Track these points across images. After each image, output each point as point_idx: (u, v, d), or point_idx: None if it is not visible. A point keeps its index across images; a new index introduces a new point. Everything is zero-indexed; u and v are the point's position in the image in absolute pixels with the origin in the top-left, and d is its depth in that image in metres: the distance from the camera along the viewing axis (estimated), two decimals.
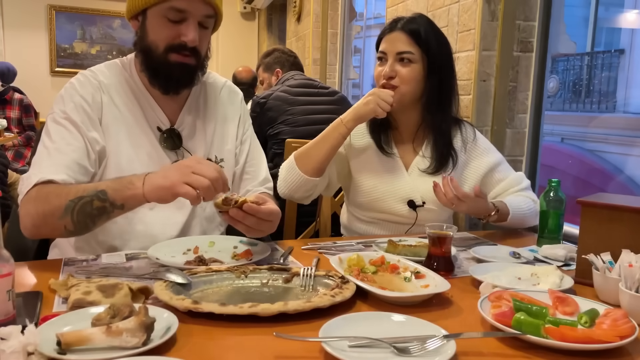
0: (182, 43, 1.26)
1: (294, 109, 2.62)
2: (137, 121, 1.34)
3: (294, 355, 0.79)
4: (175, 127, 1.38)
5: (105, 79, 1.34)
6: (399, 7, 3.17)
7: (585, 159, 5.69)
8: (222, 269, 1.09)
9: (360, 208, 1.67)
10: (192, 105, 1.42)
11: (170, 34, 1.26)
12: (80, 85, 1.31)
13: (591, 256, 1.08)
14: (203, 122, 1.43)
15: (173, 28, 1.26)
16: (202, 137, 1.42)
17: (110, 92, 1.33)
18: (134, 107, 1.35)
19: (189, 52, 1.28)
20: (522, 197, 1.63)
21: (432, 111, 1.61)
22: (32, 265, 1.20)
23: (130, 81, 1.36)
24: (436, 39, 1.59)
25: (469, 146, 1.68)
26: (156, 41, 1.28)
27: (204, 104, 1.45)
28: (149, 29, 1.28)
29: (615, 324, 0.85)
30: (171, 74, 1.29)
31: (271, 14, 6.91)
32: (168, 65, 1.28)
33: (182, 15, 1.25)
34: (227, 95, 1.50)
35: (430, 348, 0.78)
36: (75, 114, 1.27)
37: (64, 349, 0.73)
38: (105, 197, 1.11)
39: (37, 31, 6.62)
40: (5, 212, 1.66)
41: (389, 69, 1.56)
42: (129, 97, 1.35)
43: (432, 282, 1.06)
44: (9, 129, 4.93)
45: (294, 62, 3.04)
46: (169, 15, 1.25)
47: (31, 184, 1.16)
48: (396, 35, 1.58)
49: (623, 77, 5.69)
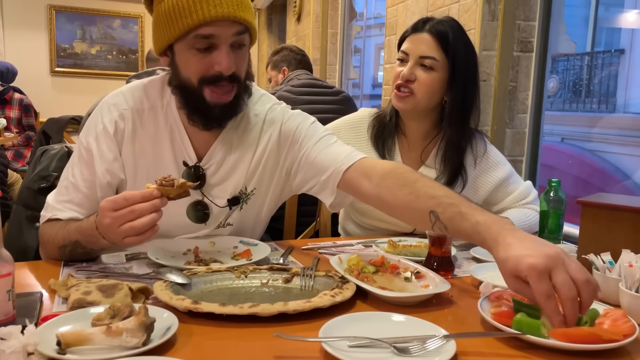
0: (217, 74, 1.14)
1: (297, 108, 2.62)
2: (163, 152, 1.26)
3: (294, 355, 0.79)
4: (202, 163, 1.28)
5: (136, 103, 1.26)
6: (399, 7, 3.17)
7: (585, 159, 5.68)
8: (222, 269, 1.09)
9: (359, 213, 1.64)
10: (226, 138, 1.29)
11: (202, 67, 1.14)
12: (107, 112, 1.25)
13: (591, 256, 1.08)
14: (238, 156, 1.30)
15: (204, 59, 1.14)
16: (232, 174, 1.31)
17: (140, 119, 1.25)
18: (163, 137, 1.26)
19: (227, 81, 1.16)
20: (526, 210, 1.61)
21: (452, 124, 1.53)
22: (32, 265, 1.20)
23: (165, 107, 1.27)
24: (465, 47, 1.49)
25: (479, 160, 1.61)
26: (189, 76, 1.17)
27: (242, 136, 1.31)
28: (179, 64, 1.18)
29: (615, 324, 0.85)
30: (210, 114, 1.19)
31: (271, 14, 6.91)
32: (206, 104, 1.17)
33: (210, 41, 1.13)
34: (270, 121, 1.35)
35: (430, 348, 0.78)
36: (95, 145, 1.23)
37: (64, 349, 0.73)
38: (83, 246, 1.14)
39: (37, 31, 6.62)
40: (5, 212, 1.66)
41: (408, 72, 1.47)
42: (159, 125, 1.26)
43: (432, 282, 1.06)
44: (8, 129, 4.94)
45: (302, 60, 3.01)
46: (197, 45, 1.13)
47: (45, 218, 1.23)
48: (422, 36, 1.48)
49: (623, 77, 5.69)
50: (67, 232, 1.15)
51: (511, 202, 1.64)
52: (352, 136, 1.62)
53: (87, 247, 1.15)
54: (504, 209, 1.65)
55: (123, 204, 0.99)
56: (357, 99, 4.97)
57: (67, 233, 1.15)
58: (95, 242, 1.11)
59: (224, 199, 1.31)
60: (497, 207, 1.66)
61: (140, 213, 0.99)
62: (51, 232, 1.19)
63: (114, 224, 1.00)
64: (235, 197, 1.32)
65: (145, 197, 0.99)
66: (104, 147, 1.23)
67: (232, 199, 1.32)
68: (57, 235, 1.17)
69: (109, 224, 1.01)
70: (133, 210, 0.99)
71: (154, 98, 1.27)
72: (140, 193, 0.99)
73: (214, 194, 1.31)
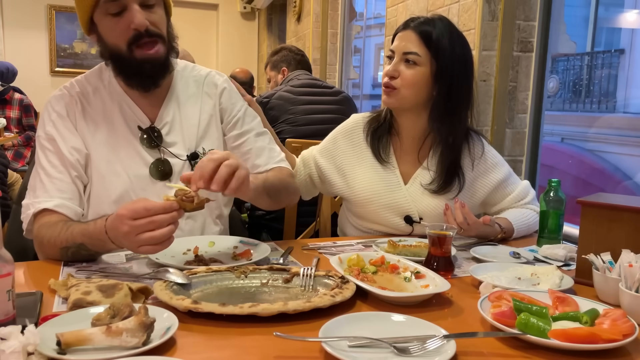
0: (136, 32, 1.23)
1: (296, 108, 2.62)
2: (115, 124, 1.35)
3: (294, 355, 0.79)
4: (155, 124, 1.38)
5: (81, 88, 1.36)
6: (399, 7, 3.18)
7: (585, 159, 5.69)
8: (222, 269, 1.08)
9: (357, 216, 1.63)
10: (171, 100, 1.41)
11: (121, 29, 1.23)
12: (55, 102, 1.34)
13: (591, 256, 1.08)
14: (186, 115, 1.42)
15: (120, 21, 1.23)
16: (185, 131, 1.41)
17: (87, 100, 1.35)
18: (112, 111, 1.35)
19: (148, 37, 1.25)
20: (525, 210, 1.61)
21: (436, 118, 1.51)
22: (32, 265, 1.20)
23: (108, 85, 1.37)
24: (450, 42, 1.48)
25: (477, 162, 1.60)
26: (115, 43, 1.26)
27: (186, 97, 1.43)
28: (103, 34, 1.27)
29: (614, 323, 0.85)
30: (142, 71, 1.28)
31: (271, 14, 6.91)
32: (135, 62, 1.26)
33: (120, 4, 1.22)
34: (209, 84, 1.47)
35: (430, 348, 0.78)
36: (54, 131, 1.30)
37: (63, 349, 0.73)
38: (88, 249, 1.15)
39: (37, 31, 6.62)
40: (5, 212, 1.66)
41: (392, 68, 1.49)
42: (105, 102, 1.35)
43: (432, 282, 1.06)
44: (8, 129, 4.93)
45: (301, 60, 3.01)
46: (110, 10, 1.23)
47: (29, 216, 1.25)
48: (407, 34, 1.50)
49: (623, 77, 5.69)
50: (70, 234, 1.15)
51: (510, 202, 1.64)
52: (348, 144, 1.61)
53: (92, 250, 1.15)
54: (502, 210, 1.65)
55: (143, 214, 1.00)
56: (357, 99, 4.97)
57: (70, 235, 1.15)
58: (102, 246, 1.12)
59: (183, 155, 1.39)
60: (495, 208, 1.66)
61: (160, 224, 1.00)
62: (51, 233, 1.19)
63: (132, 232, 1.01)
64: (194, 154, 1.40)
65: (165, 209, 1.01)
66: (62, 130, 1.31)
67: (191, 155, 1.40)
68: (59, 236, 1.17)
69: (126, 232, 1.01)
70: (153, 221, 1.00)
71: (95, 81, 1.38)
72: (161, 205, 1.01)
73: (172, 152, 1.38)
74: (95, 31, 1.29)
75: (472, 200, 1.60)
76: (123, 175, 1.32)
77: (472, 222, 1.37)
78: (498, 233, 1.48)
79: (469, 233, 1.41)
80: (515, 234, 1.54)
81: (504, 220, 1.53)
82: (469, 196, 1.59)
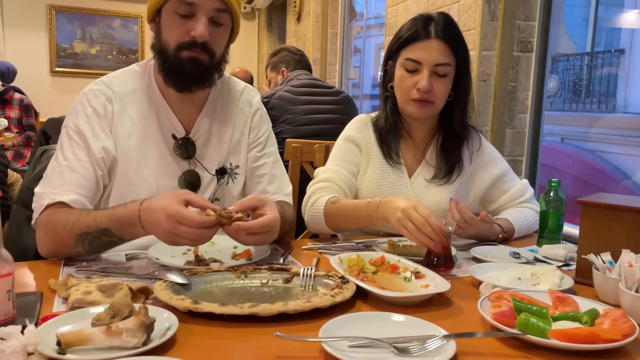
0: (192, 40, 1.25)
1: (296, 108, 2.62)
2: (150, 129, 1.33)
3: (294, 355, 0.79)
4: (191, 135, 1.37)
5: (120, 87, 1.34)
6: (399, 7, 3.18)
7: (585, 159, 5.69)
8: (222, 269, 1.09)
9: None
10: (209, 111, 1.40)
11: (180, 31, 1.25)
12: (93, 96, 1.31)
13: (591, 256, 1.08)
14: (220, 128, 1.41)
15: (183, 24, 1.25)
16: (217, 145, 1.41)
17: (124, 100, 1.33)
18: (149, 115, 1.34)
19: (200, 48, 1.26)
20: (524, 209, 1.61)
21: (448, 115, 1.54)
22: (32, 265, 1.20)
23: (147, 88, 1.36)
24: (464, 44, 1.49)
25: (474, 156, 1.61)
26: (168, 40, 1.27)
27: (222, 110, 1.43)
28: (162, 28, 1.28)
29: (614, 323, 0.85)
30: (182, 70, 1.27)
31: (271, 14, 6.91)
32: (179, 61, 1.27)
33: (191, 9, 1.24)
34: (244, 100, 1.48)
35: (430, 348, 0.78)
36: (87, 126, 1.28)
37: (64, 349, 0.73)
38: (112, 234, 1.14)
39: (37, 31, 6.62)
40: (5, 212, 1.66)
41: (427, 82, 1.42)
42: (143, 105, 1.34)
43: (432, 282, 1.06)
44: (8, 129, 4.94)
45: (300, 60, 3.01)
46: (179, 10, 1.24)
47: (43, 206, 1.19)
48: (433, 44, 1.43)
49: (623, 77, 5.69)
50: (93, 219, 1.14)
51: (507, 200, 1.63)
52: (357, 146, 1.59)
53: (117, 235, 1.14)
54: (500, 208, 1.64)
55: (188, 223, 1.04)
56: (357, 99, 4.97)
57: (93, 220, 1.14)
58: (130, 230, 1.13)
59: (213, 169, 1.40)
60: (493, 206, 1.65)
61: (200, 237, 1.07)
62: (67, 219, 1.15)
63: (172, 232, 1.05)
64: (222, 169, 1.41)
65: (209, 225, 1.06)
66: (96, 127, 1.28)
67: (219, 170, 1.41)
68: (78, 221, 1.14)
69: (165, 229, 1.06)
70: (196, 232, 1.05)
71: (135, 81, 1.36)
72: (207, 220, 1.06)
73: (204, 164, 1.39)
74: (157, 22, 1.30)
75: (471, 196, 1.61)
76: (151, 182, 1.31)
77: (469, 217, 1.35)
78: (499, 233, 1.48)
79: (469, 231, 1.39)
80: (516, 234, 1.54)
81: (505, 220, 1.53)
82: (466, 191, 1.60)
